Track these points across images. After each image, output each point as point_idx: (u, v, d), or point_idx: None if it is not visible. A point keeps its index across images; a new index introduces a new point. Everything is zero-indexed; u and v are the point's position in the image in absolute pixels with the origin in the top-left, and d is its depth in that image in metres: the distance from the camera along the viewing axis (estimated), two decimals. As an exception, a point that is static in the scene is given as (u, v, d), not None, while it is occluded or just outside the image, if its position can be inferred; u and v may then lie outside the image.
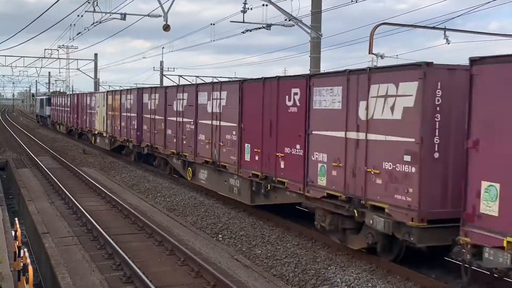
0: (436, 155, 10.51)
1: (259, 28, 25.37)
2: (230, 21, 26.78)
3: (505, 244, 8.63)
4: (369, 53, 18.19)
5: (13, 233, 12.19)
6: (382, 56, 19.78)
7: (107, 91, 37.79)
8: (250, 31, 25.92)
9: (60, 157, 31.77)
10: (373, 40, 17.86)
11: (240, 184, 17.23)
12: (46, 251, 12.74)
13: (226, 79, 39.87)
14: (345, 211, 12.31)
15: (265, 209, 16.72)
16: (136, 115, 27.72)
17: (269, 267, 12.07)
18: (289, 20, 22.85)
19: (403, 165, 10.72)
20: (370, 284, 10.87)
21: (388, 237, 11.48)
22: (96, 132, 37.19)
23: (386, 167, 11.13)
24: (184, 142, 21.33)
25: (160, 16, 25.32)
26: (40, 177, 24.73)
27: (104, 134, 34.84)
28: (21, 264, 9.51)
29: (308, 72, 21.23)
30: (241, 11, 24.94)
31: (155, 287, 9.93)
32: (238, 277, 10.98)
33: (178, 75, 46.82)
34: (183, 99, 21.50)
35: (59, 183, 21.55)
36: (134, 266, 11.00)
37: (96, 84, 61.30)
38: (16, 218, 13.04)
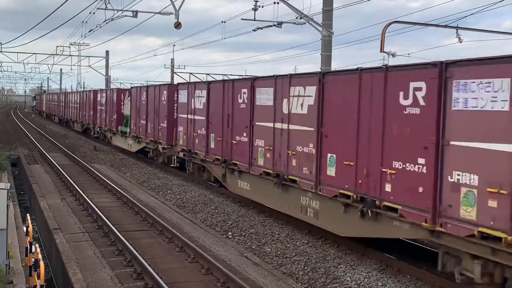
0: None
1: (270, 26, 25.32)
2: (241, 19, 26.71)
3: None
4: (380, 51, 18.10)
5: (24, 228, 12.30)
6: (393, 55, 19.66)
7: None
8: (261, 29, 25.87)
9: (71, 153, 31.96)
10: (385, 38, 17.77)
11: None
12: (57, 247, 12.82)
13: (237, 77, 39.86)
14: None
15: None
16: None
17: (279, 265, 12.07)
18: (300, 18, 22.81)
19: None
20: (380, 283, 10.83)
21: None
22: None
23: None
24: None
25: (171, 13, 25.36)
26: (52, 173, 24.88)
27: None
28: (33, 260, 9.60)
29: (319, 69, 21.14)
30: (252, 8, 24.90)
31: (166, 284, 9.96)
32: (248, 275, 10.99)
33: (189, 73, 46.86)
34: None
35: (70, 180, 21.67)
36: (145, 263, 11.04)
37: (108, 81, 61.51)
38: (27, 214, 13.14)
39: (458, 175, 9.49)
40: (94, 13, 31.17)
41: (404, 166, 10.65)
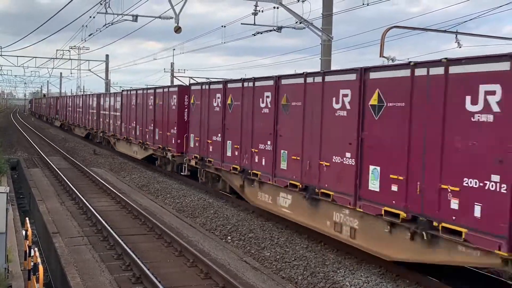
0: None
1: (270, 30, 25.35)
2: (241, 24, 26.75)
3: None
4: (380, 56, 18.10)
5: (23, 232, 12.28)
6: (393, 59, 19.64)
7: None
8: (261, 33, 25.91)
9: (70, 157, 31.95)
10: (384, 43, 17.78)
11: None
12: (56, 250, 12.82)
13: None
14: None
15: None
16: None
17: (278, 270, 12.06)
18: (300, 23, 22.84)
19: None
20: (379, 288, 10.83)
21: None
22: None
23: None
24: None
25: (171, 18, 25.40)
26: (51, 177, 24.88)
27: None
28: (32, 264, 9.59)
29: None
30: (252, 13, 24.93)
31: (164, 288, 9.96)
32: (247, 279, 10.99)
33: (189, 77, 46.88)
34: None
35: (69, 183, 21.67)
36: (144, 267, 11.04)
37: (107, 85, 61.60)
38: (26, 218, 13.13)
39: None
40: (94, 17, 31.19)
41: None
